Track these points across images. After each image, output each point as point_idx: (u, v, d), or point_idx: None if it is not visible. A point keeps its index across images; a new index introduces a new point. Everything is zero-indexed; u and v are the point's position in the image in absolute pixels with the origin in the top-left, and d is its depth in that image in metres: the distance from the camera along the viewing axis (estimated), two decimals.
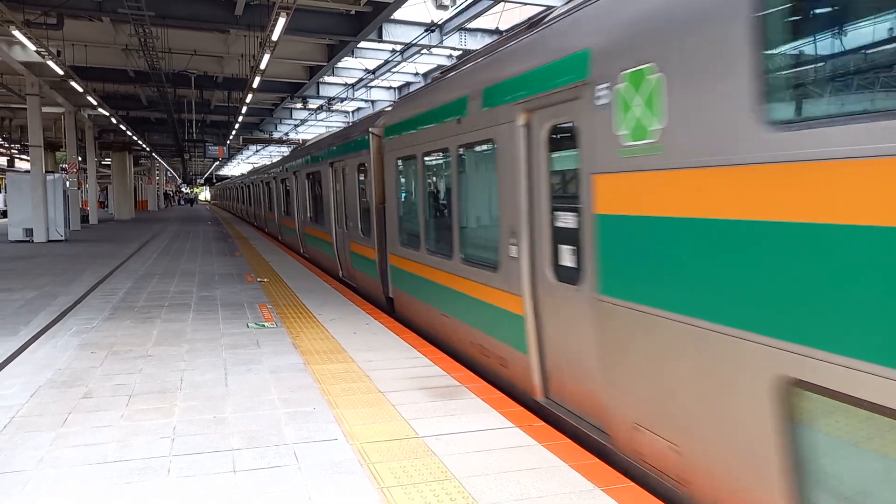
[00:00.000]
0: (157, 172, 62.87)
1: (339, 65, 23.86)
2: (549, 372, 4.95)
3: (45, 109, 23.90)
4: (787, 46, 2.80)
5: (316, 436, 4.39)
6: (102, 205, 53.11)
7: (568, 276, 4.59)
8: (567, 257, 4.63)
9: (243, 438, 4.36)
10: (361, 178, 10.48)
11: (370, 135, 9.66)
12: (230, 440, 4.33)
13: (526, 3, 16.00)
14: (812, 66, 2.75)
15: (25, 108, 22.76)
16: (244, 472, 3.84)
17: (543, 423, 4.59)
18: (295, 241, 18.52)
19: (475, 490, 3.56)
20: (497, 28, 18.64)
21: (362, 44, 19.95)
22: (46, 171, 22.96)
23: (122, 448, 4.20)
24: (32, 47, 14.71)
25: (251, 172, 36.71)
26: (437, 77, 8.13)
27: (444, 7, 14.27)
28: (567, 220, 4.62)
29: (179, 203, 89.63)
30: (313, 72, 24.14)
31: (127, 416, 4.80)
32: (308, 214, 16.10)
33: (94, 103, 23.33)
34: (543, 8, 16.40)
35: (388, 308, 9.42)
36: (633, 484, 3.64)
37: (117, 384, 5.62)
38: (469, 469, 3.84)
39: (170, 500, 3.48)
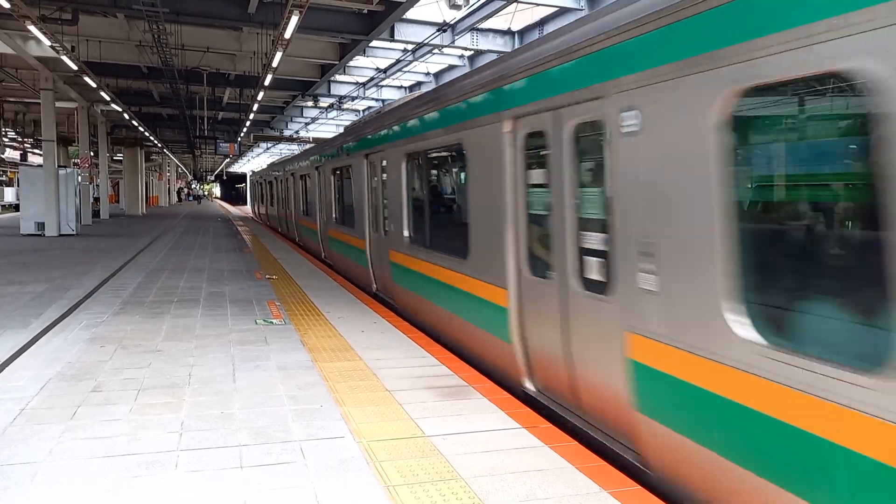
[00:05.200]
0: (167, 169, 63.19)
1: (351, 64, 23.87)
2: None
3: (58, 104, 24.05)
4: None
5: (323, 433, 4.40)
6: (115, 198, 53.39)
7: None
8: None
9: (250, 434, 4.37)
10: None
11: None
12: (237, 436, 4.35)
13: (538, 4, 15.97)
14: None
15: (39, 103, 22.94)
16: (251, 468, 3.85)
17: (550, 425, 4.58)
18: (359, 270, 11.61)
19: (481, 490, 3.56)
20: (509, 28, 18.60)
21: (374, 43, 19.97)
22: (59, 166, 23.13)
23: (131, 442, 4.22)
24: (47, 42, 14.81)
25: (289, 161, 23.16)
26: None
27: (458, 7, 14.25)
28: None
29: (188, 199, 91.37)
30: (325, 70, 24.19)
31: (135, 411, 4.83)
32: (378, 224, 10.11)
33: (108, 99, 23.44)
34: (556, 9, 16.38)
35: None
36: (639, 487, 3.63)
37: (126, 378, 5.65)
38: (475, 469, 3.83)
39: (177, 495, 3.50)
